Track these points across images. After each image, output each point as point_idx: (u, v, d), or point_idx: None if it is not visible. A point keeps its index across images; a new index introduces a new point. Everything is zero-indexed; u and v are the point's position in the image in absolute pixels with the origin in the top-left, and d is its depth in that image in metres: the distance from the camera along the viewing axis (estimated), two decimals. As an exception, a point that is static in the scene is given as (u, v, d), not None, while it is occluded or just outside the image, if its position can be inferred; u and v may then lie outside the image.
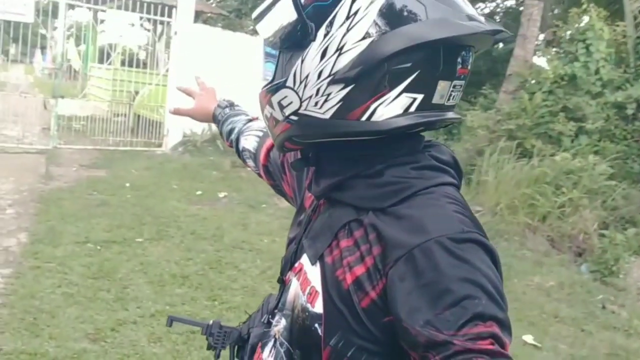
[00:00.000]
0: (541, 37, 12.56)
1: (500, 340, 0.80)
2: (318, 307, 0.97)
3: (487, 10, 16.77)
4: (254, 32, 10.14)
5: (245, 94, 2.99)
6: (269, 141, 1.41)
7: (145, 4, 9.96)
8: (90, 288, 4.17)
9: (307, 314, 0.99)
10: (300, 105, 0.95)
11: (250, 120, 1.57)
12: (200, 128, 9.88)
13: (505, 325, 0.82)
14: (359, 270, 0.92)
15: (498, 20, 15.27)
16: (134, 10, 9.92)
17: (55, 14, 9.90)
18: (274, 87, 0.99)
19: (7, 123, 10.30)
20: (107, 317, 3.80)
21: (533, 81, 9.05)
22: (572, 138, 8.21)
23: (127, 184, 7.36)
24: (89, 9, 10.64)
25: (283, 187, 1.38)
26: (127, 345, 3.50)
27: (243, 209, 6.97)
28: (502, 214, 7.14)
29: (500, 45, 15.67)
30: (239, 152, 1.55)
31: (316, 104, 0.94)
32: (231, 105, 1.62)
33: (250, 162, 1.51)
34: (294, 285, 1.05)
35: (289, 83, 0.96)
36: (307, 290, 1.00)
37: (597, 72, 8.50)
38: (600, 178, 7.35)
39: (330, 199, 1.04)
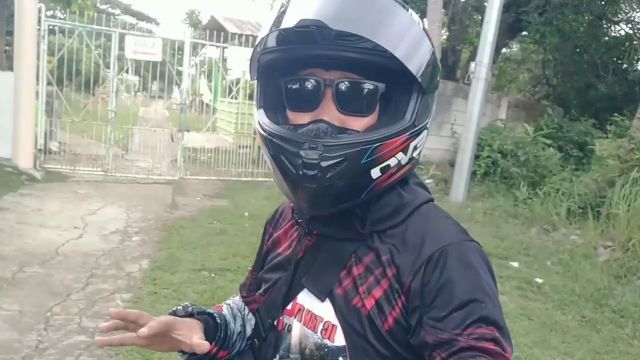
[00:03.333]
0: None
1: (501, 344, 0.85)
2: (339, 340, 0.96)
3: (622, 32, 15.75)
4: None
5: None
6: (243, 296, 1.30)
7: (265, 40, 10.34)
8: (201, 315, 4.30)
9: (325, 350, 0.98)
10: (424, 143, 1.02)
11: (229, 307, 1.28)
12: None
13: (505, 334, 0.87)
14: (377, 293, 0.94)
15: (635, 42, 14.25)
16: (254, 46, 10.31)
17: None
18: (418, 131, 0.97)
19: (140, 155, 11.14)
20: (215, 344, 3.89)
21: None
22: None
23: (246, 214, 7.60)
24: (217, 47, 11.27)
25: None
26: (231, 373, 3.55)
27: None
28: (635, 250, 6.59)
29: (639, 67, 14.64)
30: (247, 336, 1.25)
31: None
32: (197, 309, 1.16)
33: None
34: (297, 327, 1.03)
35: (429, 124, 1.00)
36: (321, 327, 0.99)
37: None
38: None
39: (322, 233, 1.05)
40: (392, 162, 0.94)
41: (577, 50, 14.76)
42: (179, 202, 8.01)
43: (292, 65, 0.97)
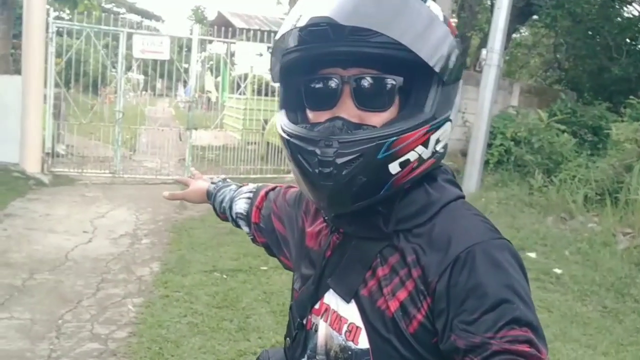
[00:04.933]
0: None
1: (536, 346, 0.82)
2: (363, 343, 0.95)
3: (635, 12, 15.47)
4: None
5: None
6: (258, 200, 1.41)
7: (273, 34, 10.27)
8: (214, 318, 4.23)
9: (350, 352, 0.96)
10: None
11: (240, 187, 1.53)
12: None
13: (539, 334, 0.84)
14: (402, 294, 0.92)
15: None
16: (261, 40, 10.27)
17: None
18: (439, 123, 0.95)
19: (148, 155, 11.08)
20: (229, 347, 3.82)
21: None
22: None
23: (256, 211, 7.52)
24: (223, 42, 11.19)
25: (280, 241, 1.31)
26: (246, 377, 3.49)
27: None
28: (656, 236, 6.42)
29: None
30: (234, 219, 1.49)
31: None
32: (223, 180, 1.61)
33: (244, 226, 1.46)
34: (322, 327, 1.02)
35: (452, 116, 0.98)
36: (345, 329, 0.98)
37: None
38: None
39: (347, 232, 1.03)
40: (412, 156, 0.92)
41: (589, 32, 14.50)
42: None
43: (311, 65, 0.98)
